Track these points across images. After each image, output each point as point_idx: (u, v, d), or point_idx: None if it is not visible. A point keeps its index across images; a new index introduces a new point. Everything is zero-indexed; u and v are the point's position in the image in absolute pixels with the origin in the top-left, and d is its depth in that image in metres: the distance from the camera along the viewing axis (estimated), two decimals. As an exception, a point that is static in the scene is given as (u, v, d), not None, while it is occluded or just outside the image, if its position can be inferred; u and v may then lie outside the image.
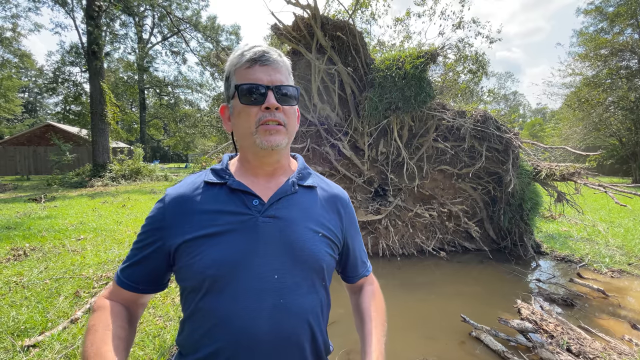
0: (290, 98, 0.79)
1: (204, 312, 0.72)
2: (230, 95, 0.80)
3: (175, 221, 0.76)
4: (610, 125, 18.37)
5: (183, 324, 0.79)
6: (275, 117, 0.75)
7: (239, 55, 0.78)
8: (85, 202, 9.71)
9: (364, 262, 1.00)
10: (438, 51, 5.22)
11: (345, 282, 1.01)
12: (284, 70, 0.80)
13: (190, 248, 0.73)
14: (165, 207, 0.78)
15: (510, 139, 4.91)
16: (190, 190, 0.80)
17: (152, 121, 38.02)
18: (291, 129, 0.81)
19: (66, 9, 18.59)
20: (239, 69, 0.77)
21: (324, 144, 5.46)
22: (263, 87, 0.75)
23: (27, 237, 5.49)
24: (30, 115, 42.45)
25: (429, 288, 4.15)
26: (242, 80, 0.76)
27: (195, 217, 0.75)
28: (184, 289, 0.78)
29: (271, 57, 0.77)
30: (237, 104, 0.77)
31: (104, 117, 15.28)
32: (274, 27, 5.25)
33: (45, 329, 2.73)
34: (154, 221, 0.78)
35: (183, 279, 0.76)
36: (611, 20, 17.23)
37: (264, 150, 0.76)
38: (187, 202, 0.78)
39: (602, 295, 3.77)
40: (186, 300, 0.77)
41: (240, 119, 0.77)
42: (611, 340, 2.74)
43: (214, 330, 0.71)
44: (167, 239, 0.76)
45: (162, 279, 0.81)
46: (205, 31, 26.49)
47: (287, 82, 0.80)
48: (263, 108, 0.74)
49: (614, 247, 5.54)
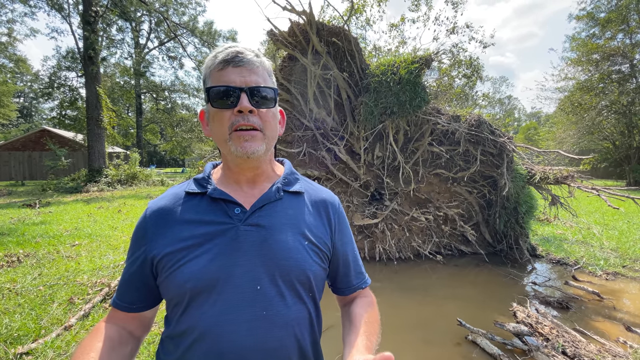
0: (266, 100, 0.73)
1: (186, 327, 0.69)
2: (206, 99, 0.75)
3: (155, 234, 0.74)
4: (603, 128, 18.57)
5: (164, 341, 0.76)
6: (249, 122, 0.70)
7: (212, 57, 0.73)
8: (81, 207, 9.64)
9: (360, 273, 0.91)
10: (432, 56, 5.28)
11: (337, 295, 0.93)
12: (261, 71, 0.74)
13: (171, 261, 0.70)
14: (147, 220, 0.76)
15: (505, 143, 4.95)
16: (172, 201, 0.78)
17: (149, 126, 37.91)
18: (270, 133, 0.75)
19: (62, 14, 18.62)
20: (212, 71, 0.73)
21: (320, 148, 5.48)
22: (236, 89, 0.70)
23: (21, 243, 5.43)
24: (25, 120, 42.21)
25: (426, 291, 4.16)
26: (215, 82, 0.71)
27: (175, 229, 0.73)
28: (168, 304, 0.75)
29: (245, 57, 0.72)
30: (210, 108, 0.73)
31: (100, 122, 15.21)
32: (270, 33, 5.29)
33: (39, 336, 2.70)
34: (137, 236, 0.77)
35: (165, 293, 0.74)
36: (603, 26, 17.50)
37: (240, 158, 0.72)
38: (168, 214, 0.76)
39: (597, 298, 3.79)
40: (169, 315, 0.75)
41: (214, 124, 0.73)
42: (606, 342, 2.76)
43: (196, 346, 0.68)
44: (149, 252, 0.73)
45: (155, 293, 0.78)
46: (202, 36, 26.62)
47: (265, 84, 0.74)
48: (236, 112, 0.70)
49: (608, 250, 5.58)
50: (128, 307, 0.78)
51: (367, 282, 0.93)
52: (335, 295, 0.94)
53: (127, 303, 0.78)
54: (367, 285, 0.93)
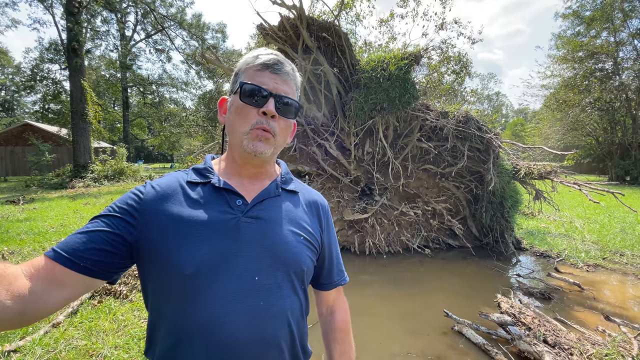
0: (289, 110, 0.79)
1: (181, 314, 0.68)
2: (233, 90, 0.80)
3: (152, 211, 0.72)
4: (585, 125, 19.05)
5: (155, 331, 0.73)
6: (270, 126, 0.75)
7: (254, 57, 0.78)
8: (66, 203, 9.44)
9: (341, 270, 0.99)
10: (422, 52, 5.33)
11: (318, 290, 0.97)
12: (292, 84, 0.80)
13: (168, 245, 0.69)
14: (145, 194, 0.74)
15: (491, 139, 5.06)
16: (172, 184, 0.77)
17: (136, 120, 37.19)
18: (280, 142, 0.80)
19: (45, 4, 18.06)
20: (249, 69, 0.78)
21: (311, 143, 5.49)
22: (266, 92, 0.75)
23: (5, 240, 5.31)
24: (7, 114, 40.80)
25: (414, 284, 4.24)
26: (249, 79, 0.76)
27: (174, 212, 0.72)
28: (155, 288, 0.72)
29: (284, 68, 0.78)
30: (237, 100, 0.77)
31: (85, 116, 14.86)
32: (259, 27, 5.25)
33: (26, 333, 2.67)
34: (129, 203, 0.72)
35: (156, 276, 0.71)
36: (587, 24, 17.86)
37: (247, 154, 0.76)
38: (168, 198, 0.74)
39: (578, 289, 3.94)
40: (156, 301, 0.72)
41: (236, 116, 0.77)
42: (585, 331, 2.87)
43: (192, 334, 0.67)
44: (139, 225, 0.70)
45: (113, 266, 0.68)
46: (190, 29, 26.16)
47: (293, 96, 0.80)
48: (260, 112, 0.75)
49: (589, 243, 5.78)
50: (74, 262, 0.63)
51: (346, 280, 1.00)
52: (316, 297, 1.00)
53: (76, 257, 0.64)
54: (346, 283, 1.00)
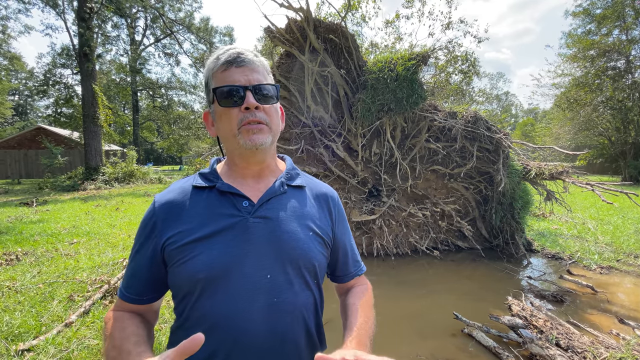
0: (269, 97, 0.78)
1: (198, 316, 0.72)
2: (210, 100, 0.79)
3: (165, 226, 0.76)
4: (597, 125, 18.66)
5: (176, 332, 0.78)
6: (257, 117, 0.75)
7: (214, 59, 0.77)
8: (78, 205, 9.62)
9: (357, 261, 0.98)
10: (429, 53, 5.30)
11: (336, 283, 0.98)
12: (261, 70, 0.79)
13: (182, 252, 0.72)
14: (156, 212, 0.78)
15: (500, 139, 4.99)
16: (180, 195, 0.80)
17: (145, 123, 37.69)
18: (274, 127, 0.80)
19: (57, 10, 18.41)
20: (215, 73, 0.77)
21: (318, 145, 5.49)
22: (241, 88, 0.74)
23: (19, 241, 5.43)
24: (20, 118, 41.80)
25: (423, 286, 4.21)
26: (220, 83, 0.75)
27: (185, 221, 0.75)
28: (176, 294, 0.77)
29: (247, 57, 0.76)
30: (218, 107, 0.76)
31: (96, 120, 15.12)
32: (267, 30, 5.28)
33: (40, 333, 2.72)
34: (146, 229, 0.78)
35: (175, 283, 0.76)
36: (598, 22, 17.53)
37: (248, 151, 0.76)
38: (177, 207, 0.78)
39: (591, 291, 3.86)
40: (179, 306, 0.77)
41: (222, 122, 0.77)
42: (599, 334, 2.81)
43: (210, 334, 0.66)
44: (159, 244, 0.75)
45: (164, 283, 0.80)
46: (198, 33, 26.41)
47: (266, 81, 0.78)
48: (243, 109, 0.74)
49: (603, 244, 5.65)
50: (137, 299, 0.78)
51: (363, 269, 0.99)
52: (334, 285, 1.00)
53: (136, 295, 0.78)
54: (363, 272, 0.99)
